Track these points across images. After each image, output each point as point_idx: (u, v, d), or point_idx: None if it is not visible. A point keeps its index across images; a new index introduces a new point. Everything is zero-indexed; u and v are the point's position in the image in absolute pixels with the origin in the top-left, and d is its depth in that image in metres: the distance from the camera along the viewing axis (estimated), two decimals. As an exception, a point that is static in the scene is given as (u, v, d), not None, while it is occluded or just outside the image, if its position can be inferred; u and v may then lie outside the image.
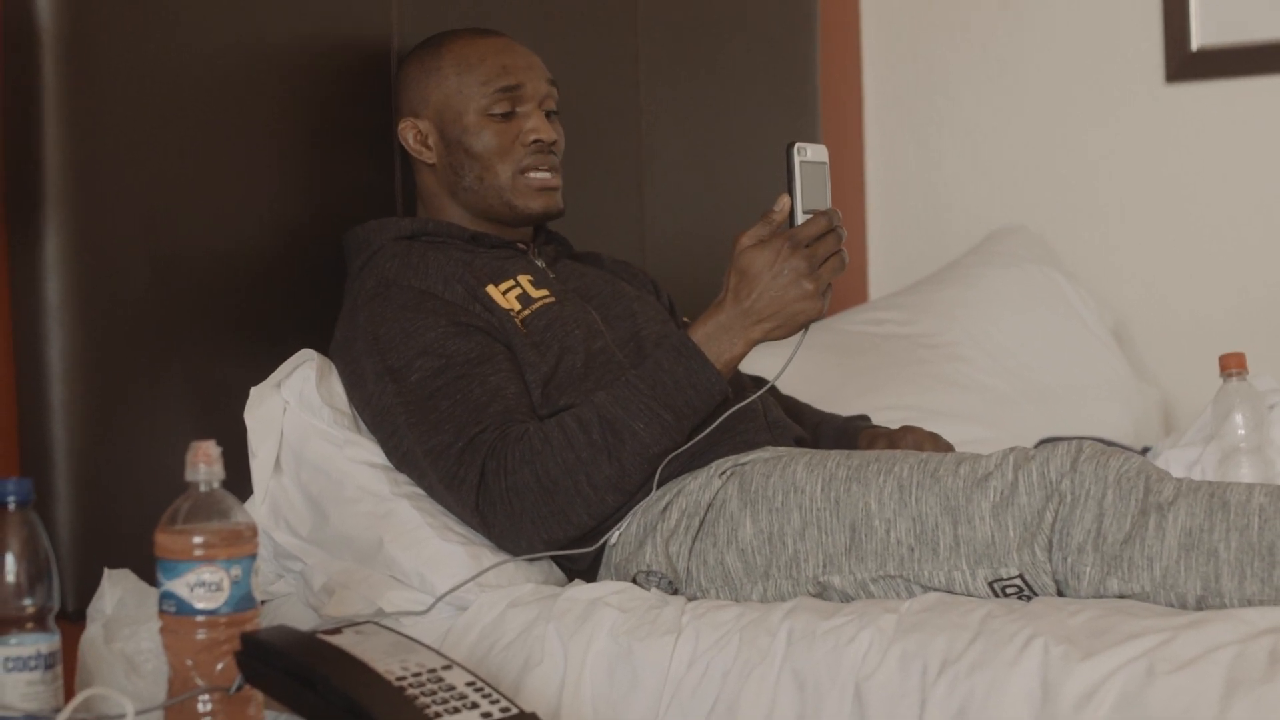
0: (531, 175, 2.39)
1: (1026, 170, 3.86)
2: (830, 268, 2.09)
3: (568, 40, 2.92)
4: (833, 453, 2.13)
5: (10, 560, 1.66)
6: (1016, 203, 3.84)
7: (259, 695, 1.63)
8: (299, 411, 2.26)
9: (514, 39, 2.46)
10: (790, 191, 2.09)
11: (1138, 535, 1.89)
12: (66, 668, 1.74)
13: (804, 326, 2.12)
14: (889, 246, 3.96)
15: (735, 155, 3.35)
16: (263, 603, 2.18)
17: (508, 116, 2.39)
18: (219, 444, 1.66)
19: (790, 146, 2.08)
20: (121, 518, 2.14)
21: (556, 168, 2.42)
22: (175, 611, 1.63)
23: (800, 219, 2.09)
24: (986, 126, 3.89)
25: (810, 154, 2.09)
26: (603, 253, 2.62)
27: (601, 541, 2.17)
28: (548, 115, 2.43)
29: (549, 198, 2.41)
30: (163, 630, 1.65)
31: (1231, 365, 2.40)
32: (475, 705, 1.57)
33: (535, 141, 2.38)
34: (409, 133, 2.43)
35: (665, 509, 2.15)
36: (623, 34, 3.09)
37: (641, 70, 3.12)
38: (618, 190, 3.08)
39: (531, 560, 2.17)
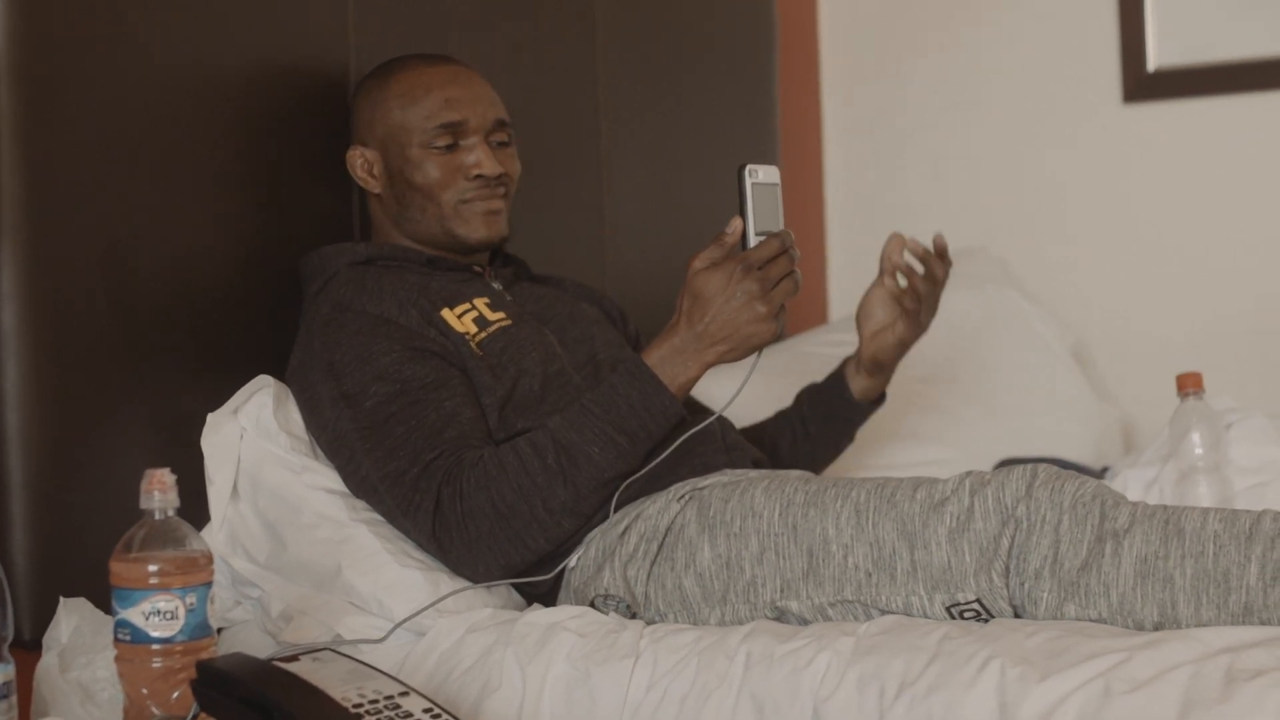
0: (475, 204, 2.38)
1: (986, 192, 3.86)
2: (783, 290, 2.09)
3: (527, 65, 2.92)
4: (791, 476, 2.14)
5: (-35, 590, 1.65)
6: (976, 224, 3.85)
7: (215, 724, 1.62)
8: (256, 438, 2.25)
9: (471, 65, 2.45)
10: (742, 214, 2.08)
11: (1094, 562, 1.89)
12: (22, 697, 1.73)
13: (758, 349, 2.12)
14: (849, 268, 3.96)
15: (696, 178, 3.35)
16: (220, 630, 2.17)
17: (451, 148, 2.38)
18: (176, 471, 1.66)
19: (741, 169, 2.08)
20: (78, 546, 2.12)
21: (501, 198, 2.41)
22: (130, 640, 1.63)
23: (753, 241, 2.09)
24: (945, 148, 3.90)
25: (762, 175, 2.09)
26: (567, 276, 2.62)
27: (560, 568, 2.17)
28: (499, 146, 2.42)
29: (492, 223, 2.39)
30: (118, 659, 1.65)
31: (1189, 385, 2.42)
32: (432, 732, 1.57)
33: (478, 176, 2.38)
34: (356, 161, 2.42)
35: (624, 533, 2.14)
36: (582, 58, 3.09)
37: (601, 94, 3.12)
38: (579, 214, 3.08)
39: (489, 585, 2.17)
